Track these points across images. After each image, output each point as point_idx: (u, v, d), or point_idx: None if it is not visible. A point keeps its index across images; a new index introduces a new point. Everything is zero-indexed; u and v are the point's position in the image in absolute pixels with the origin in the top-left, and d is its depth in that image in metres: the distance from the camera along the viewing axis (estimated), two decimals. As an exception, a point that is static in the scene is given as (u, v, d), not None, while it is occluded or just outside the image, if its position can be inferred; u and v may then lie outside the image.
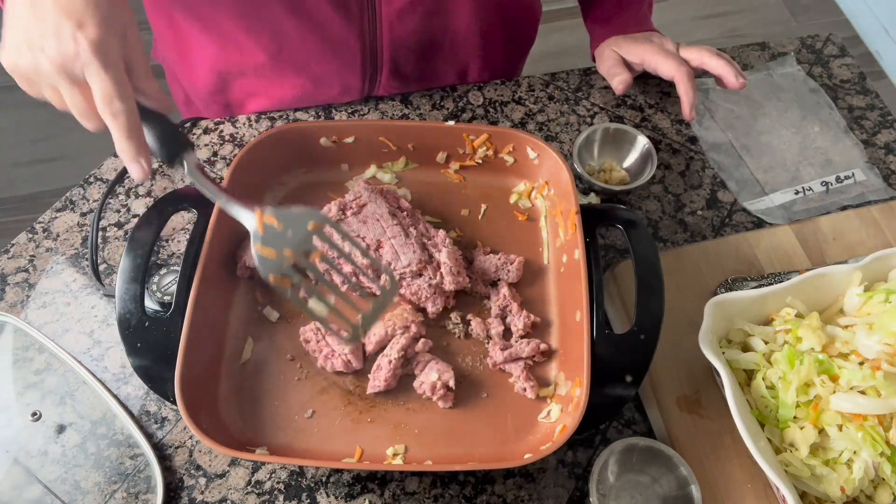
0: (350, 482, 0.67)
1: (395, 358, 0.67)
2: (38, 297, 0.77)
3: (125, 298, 0.66)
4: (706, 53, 0.88)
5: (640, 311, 0.65)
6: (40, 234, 0.82)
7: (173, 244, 0.81)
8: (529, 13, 1.00)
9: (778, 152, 0.90)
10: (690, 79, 0.87)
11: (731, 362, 0.67)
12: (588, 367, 0.62)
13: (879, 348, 0.63)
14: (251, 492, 0.67)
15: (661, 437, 0.69)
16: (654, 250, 0.68)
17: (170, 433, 0.70)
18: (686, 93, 0.86)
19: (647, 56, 0.90)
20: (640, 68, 0.92)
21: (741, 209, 0.85)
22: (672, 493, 0.64)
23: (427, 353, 0.69)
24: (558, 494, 0.67)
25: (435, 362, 0.68)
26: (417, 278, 0.71)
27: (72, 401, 0.71)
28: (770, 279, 0.77)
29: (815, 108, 0.94)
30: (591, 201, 0.84)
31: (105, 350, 0.74)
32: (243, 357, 0.70)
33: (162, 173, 0.86)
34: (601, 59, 0.95)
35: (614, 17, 0.96)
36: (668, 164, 0.89)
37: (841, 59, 1.00)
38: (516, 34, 1.01)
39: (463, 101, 0.93)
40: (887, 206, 0.84)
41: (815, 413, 0.63)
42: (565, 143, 0.90)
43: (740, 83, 0.86)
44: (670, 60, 0.88)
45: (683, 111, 0.87)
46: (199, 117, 0.92)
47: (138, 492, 0.66)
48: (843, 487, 0.61)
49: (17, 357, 0.73)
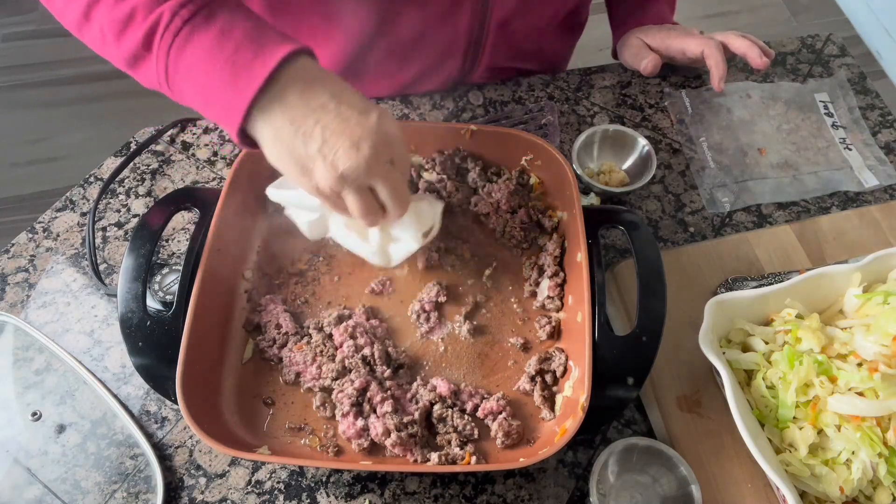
0: (350, 482, 0.67)
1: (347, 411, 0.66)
2: (38, 297, 0.77)
3: (127, 298, 0.66)
4: (730, 35, 0.91)
5: (641, 313, 0.65)
6: (40, 234, 0.82)
7: (174, 244, 0.81)
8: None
9: (777, 152, 0.90)
10: (720, 51, 0.89)
11: (731, 362, 0.67)
12: (590, 370, 0.62)
13: (877, 350, 0.63)
14: (251, 492, 0.67)
15: (662, 436, 0.69)
16: (656, 252, 0.68)
17: (170, 433, 0.70)
18: (717, 65, 0.89)
19: (673, 40, 0.92)
20: (665, 54, 0.94)
21: (741, 209, 0.85)
22: (672, 493, 0.64)
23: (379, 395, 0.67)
24: (558, 494, 0.67)
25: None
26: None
27: (72, 401, 0.71)
28: (770, 279, 0.77)
29: (815, 108, 0.94)
30: (592, 202, 0.84)
31: (105, 350, 0.74)
32: (244, 356, 0.70)
33: (162, 173, 0.87)
34: (625, 47, 0.97)
35: (638, 11, 0.98)
36: (668, 164, 0.89)
37: (841, 59, 1.00)
38: (573, 23, 1.02)
39: (463, 100, 0.93)
40: (887, 206, 0.84)
41: (814, 413, 0.63)
42: (565, 143, 0.90)
43: (763, 62, 0.88)
44: (697, 38, 0.90)
45: (713, 82, 0.90)
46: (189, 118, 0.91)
47: (138, 492, 0.66)
48: (842, 487, 0.62)
49: (17, 357, 0.73)
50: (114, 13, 0.56)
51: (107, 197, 0.85)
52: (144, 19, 0.55)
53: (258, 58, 0.54)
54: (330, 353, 0.69)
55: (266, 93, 0.54)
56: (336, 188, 0.56)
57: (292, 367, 0.69)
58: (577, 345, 0.66)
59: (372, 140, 0.55)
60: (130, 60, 0.58)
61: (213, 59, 0.54)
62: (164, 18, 0.54)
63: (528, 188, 0.80)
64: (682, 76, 0.97)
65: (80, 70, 2.14)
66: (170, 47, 0.55)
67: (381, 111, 0.58)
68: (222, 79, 0.54)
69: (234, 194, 0.72)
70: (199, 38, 0.54)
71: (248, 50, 0.54)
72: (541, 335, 0.71)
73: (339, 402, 0.66)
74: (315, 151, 0.55)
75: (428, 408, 0.66)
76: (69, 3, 0.58)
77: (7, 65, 2.19)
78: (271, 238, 0.76)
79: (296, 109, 0.55)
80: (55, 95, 2.11)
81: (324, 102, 0.55)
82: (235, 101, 0.54)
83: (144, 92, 0.58)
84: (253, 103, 0.54)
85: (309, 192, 0.58)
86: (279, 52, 0.54)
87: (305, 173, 0.56)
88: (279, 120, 0.55)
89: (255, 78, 0.54)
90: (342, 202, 0.58)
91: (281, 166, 0.58)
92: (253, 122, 0.56)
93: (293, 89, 0.55)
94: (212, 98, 0.56)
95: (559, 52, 1.03)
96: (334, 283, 0.75)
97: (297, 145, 0.55)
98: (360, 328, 0.69)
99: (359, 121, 0.56)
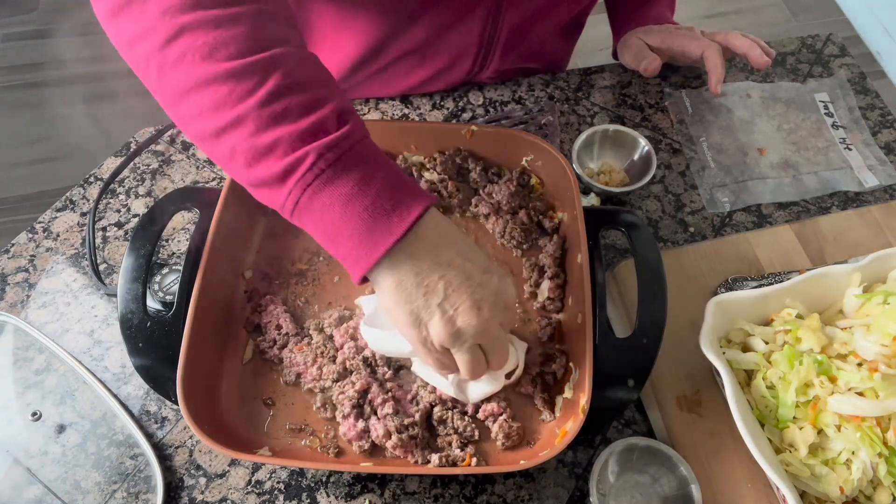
0: (350, 482, 0.67)
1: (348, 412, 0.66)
2: (38, 297, 0.77)
3: (127, 298, 0.66)
4: (732, 35, 0.91)
5: (642, 314, 0.65)
6: (40, 234, 0.82)
7: (174, 244, 0.81)
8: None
9: (777, 152, 0.90)
10: (719, 54, 0.89)
11: (731, 362, 0.67)
12: (590, 372, 0.62)
13: (877, 350, 0.63)
14: (251, 492, 0.67)
15: (662, 436, 0.69)
16: (656, 254, 0.68)
17: (170, 433, 0.70)
18: (714, 69, 0.89)
19: (674, 40, 0.92)
20: (665, 55, 0.94)
21: (741, 209, 0.85)
22: (672, 493, 0.64)
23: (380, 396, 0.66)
24: (558, 494, 0.67)
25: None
26: None
27: (72, 401, 0.71)
28: (770, 279, 0.77)
29: (815, 108, 0.94)
30: (592, 202, 0.83)
31: (105, 350, 0.74)
32: (245, 357, 0.70)
33: (162, 173, 0.87)
34: (625, 47, 0.97)
35: (638, 11, 0.98)
36: (668, 164, 0.89)
37: (841, 59, 1.00)
38: (576, 24, 1.02)
39: (463, 100, 0.93)
40: (887, 206, 0.84)
41: (814, 413, 0.63)
42: (565, 143, 0.90)
43: (764, 61, 0.88)
44: (698, 40, 0.90)
45: (710, 85, 0.90)
46: None
47: (138, 492, 0.66)
48: (842, 487, 0.62)
49: (17, 357, 0.73)
50: (254, 141, 0.53)
51: (107, 197, 0.85)
52: (286, 155, 0.53)
53: (396, 211, 0.54)
54: (331, 354, 0.69)
55: (399, 245, 0.54)
56: (448, 344, 0.57)
57: (293, 367, 0.69)
58: (578, 346, 0.66)
59: (492, 302, 0.56)
60: (257, 184, 0.56)
61: (351, 204, 0.53)
62: (308, 160, 0.53)
63: (529, 189, 0.80)
64: (683, 76, 0.97)
65: (81, 70, 2.14)
66: (308, 186, 0.53)
67: (502, 274, 0.58)
68: (357, 225, 0.54)
69: (234, 194, 0.72)
70: (342, 182, 0.53)
71: (387, 200, 0.54)
72: (541, 336, 0.71)
73: (339, 403, 0.66)
74: (435, 306, 0.55)
75: (429, 409, 0.66)
76: (201, 116, 0.54)
77: (7, 65, 2.19)
78: (271, 238, 0.76)
79: (423, 263, 0.55)
80: (55, 95, 2.11)
81: (451, 259, 0.56)
82: (368, 249, 0.54)
83: (145, 92, 0.58)
84: (385, 255, 0.54)
85: (413, 342, 0.58)
86: (416, 208, 0.54)
87: (418, 325, 0.56)
88: (406, 272, 0.55)
89: (391, 233, 0.53)
90: (447, 358, 0.59)
91: (394, 314, 0.57)
92: (378, 268, 0.55)
93: (424, 244, 0.55)
94: (342, 239, 0.55)
95: (561, 51, 1.04)
96: (335, 283, 0.75)
97: (417, 297, 0.55)
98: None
99: (481, 281, 0.56)
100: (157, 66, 0.54)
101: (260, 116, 0.52)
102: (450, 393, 0.66)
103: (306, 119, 0.53)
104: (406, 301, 0.55)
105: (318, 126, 0.53)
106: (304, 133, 0.53)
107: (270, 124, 0.53)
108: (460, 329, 0.56)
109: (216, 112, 0.53)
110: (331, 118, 0.54)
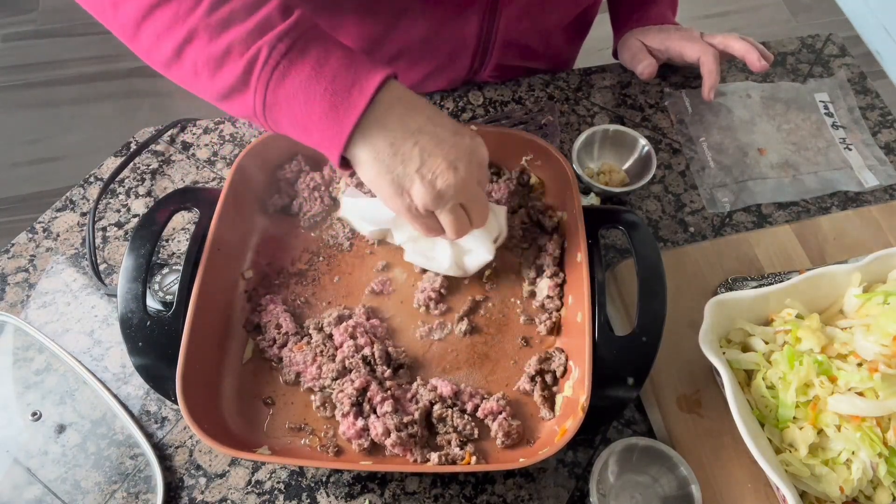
0: (350, 482, 0.67)
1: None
2: (38, 297, 0.77)
3: (127, 298, 0.66)
4: (730, 37, 0.91)
5: (642, 313, 0.65)
6: (40, 234, 0.82)
7: (174, 244, 0.81)
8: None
9: (777, 152, 0.90)
10: (716, 60, 0.89)
11: (731, 362, 0.67)
12: (590, 370, 0.62)
13: (877, 350, 0.63)
14: (251, 492, 0.67)
15: (662, 436, 0.69)
16: (656, 253, 0.68)
17: (170, 433, 0.70)
18: (710, 74, 0.89)
19: (672, 42, 0.92)
20: (663, 56, 0.94)
21: (741, 209, 0.85)
22: (672, 493, 0.64)
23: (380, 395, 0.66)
24: (558, 494, 0.67)
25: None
26: None
27: (72, 401, 0.71)
28: (770, 279, 0.77)
29: (815, 108, 0.94)
30: (592, 202, 0.83)
31: (105, 350, 0.74)
32: (245, 357, 0.70)
33: (162, 173, 0.87)
34: (624, 48, 0.97)
35: (639, 11, 0.98)
36: (668, 164, 0.89)
37: (841, 59, 1.00)
38: (582, 23, 1.02)
39: (463, 100, 0.93)
40: (887, 206, 0.84)
41: (814, 413, 0.63)
42: (565, 143, 0.90)
43: (762, 65, 0.88)
44: (696, 43, 0.90)
45: (703, 91, 0.90)
46: (189, 118, 0.91)
47: (138, 492, 0.66)
48: (842, 487, 0.62)
49: (17, 357, 0.73)
50: (209, 50, 0.56)
51: (107, 197, 0.85)
52: (242, 55, 0.55)
53: (355, 85, 0.56)
54: (330, 353, 0.69)
55: (366, 118, 0.56)
56: (431, 207, 0.60)
57: (292, 367, 0.69)
58: (577, 345, 0.66)
59: (466, 161, 0.59)
60: (225, 94, 0.58)
61: (311, 89, 0.56)
62: (262, 54, 0.55)
63: (529, 188, 0.80)
64: (683, 76, 0.97)
65: (80, 70, 2.14)
66: (268, 81, 0.56)
67: (472, 133, 0.61)
68: (322, 108, 0.56)
69: (234, 194, 0.72)
70: (297, 69, 0.55)
71: (344, 78, 0.56)
72: (541, 335, 0.71)
73: (339, 402, 0.66)
74: (414, 172, 0.58)
75: (428, 408, 0.66)
76: (159, 41, 0.57)
77: (7, 65, 2.19)
78: (271, 238, 0.76)
79: (395, 132, 0.57)
80: (55, 95, 2.11)
81: (421, 125, 0.58)
82: (337, 127, 0.56)
83: (145, 92, 0.58)
84: (354, 128, 0.56)
85: (398, 210, 0.61)
86: (375, 79, 0.56)
87: (401, 194, 0.59)
88: (380, 143, 0.57)
89: (355, 105, 0.56)
90: (431, 221, 0.62)
91: (376, 185, 0.60)
92: (353, 145, 0.58)
93: (392, 113, 0.57)
94: (311, 126, 0.57)
95: (566, 51, 1.03)
96: (334, 283, 0.75)
97: (395, 166, 0.58)
98: (360, 328, 0.69)
99: (454, 143, 0.59)
100: (111, 4, 0.57)
101: (209, 25, 0.55)
102: (449, 272, 0.68)
103: (253, 18, 0.55)
104: (386, 171, 0.58)
105: (265, 22, 0.55)
106: (252, 31, 0.55)
107: (220, 30, 0.55)
108: (441, 190, 0.58)
109: (170, 31, 0.56)
110: (275, 13, 0.56)
